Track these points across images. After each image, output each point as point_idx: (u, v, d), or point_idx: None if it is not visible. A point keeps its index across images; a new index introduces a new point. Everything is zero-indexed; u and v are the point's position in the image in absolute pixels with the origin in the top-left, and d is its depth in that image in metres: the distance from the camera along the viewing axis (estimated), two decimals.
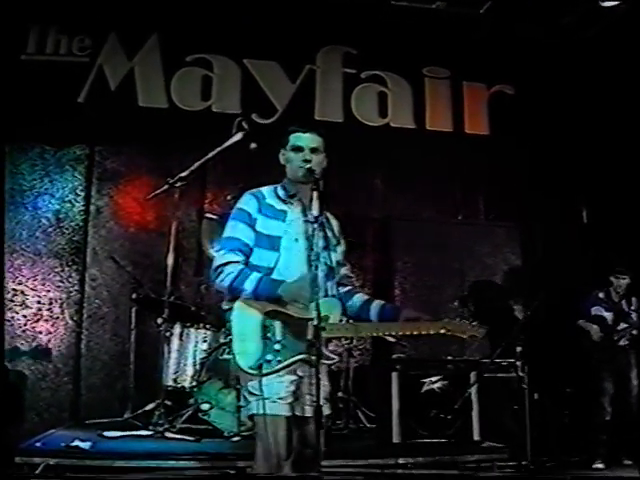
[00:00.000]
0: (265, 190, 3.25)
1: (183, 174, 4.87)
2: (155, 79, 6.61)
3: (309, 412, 3.02)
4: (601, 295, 5.85)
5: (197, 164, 4.88)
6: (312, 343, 2.86)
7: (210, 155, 4.85)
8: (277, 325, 3.02)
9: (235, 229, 3.17)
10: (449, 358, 4.93)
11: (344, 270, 3.35)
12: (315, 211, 3.03)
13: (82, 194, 6.37)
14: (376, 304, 3.22)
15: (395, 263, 6.48)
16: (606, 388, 5.55)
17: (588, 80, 6.98)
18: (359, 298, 3.28)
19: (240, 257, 3.12)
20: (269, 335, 3.00)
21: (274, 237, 3.13)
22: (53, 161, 6.38)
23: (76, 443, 4.27)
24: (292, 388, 3.02)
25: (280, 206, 3.20)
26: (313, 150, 3.16)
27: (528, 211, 6.98)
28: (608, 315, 5.75)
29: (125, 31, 6.59)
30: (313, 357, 2.87)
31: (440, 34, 6.94)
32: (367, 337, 3.14)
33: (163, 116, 6.56)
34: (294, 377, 3.03)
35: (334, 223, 3.33)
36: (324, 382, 2.98)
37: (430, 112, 7.14)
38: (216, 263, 3.14)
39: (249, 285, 3.02)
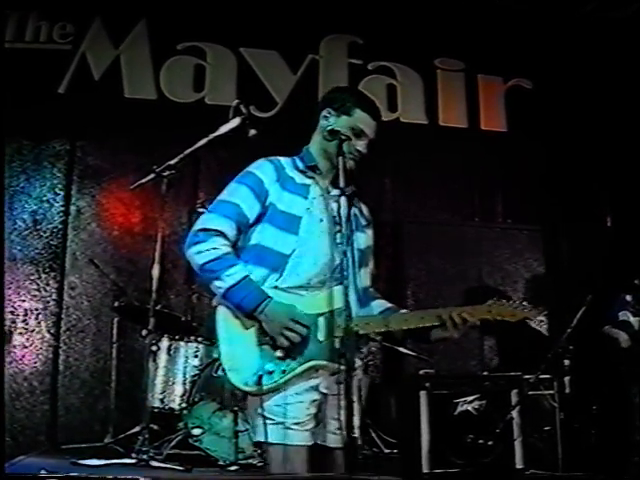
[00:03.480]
0: (283, 160, 2.67)
1: (172, 162, 4.32)
2: (143, 68, 6.13)
3: (333, 442, 2.41)
4: (628, 298, 5.35)
5: (188, 151, 4.32)
6: (343, 346, 2.24)
7: (203, 141, 4.28)
8: None
9: (236, 193, 2.55)
10: (486, 374, 4.34)
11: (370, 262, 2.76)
12: (341, 181, 2.48)
13: (61, 193, 5.85)
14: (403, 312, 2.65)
15: (407, 270, 5.95)
16: (636, 404, 5.00)
17: (611, 74, 6.54)
18: (378, 305, 2.70)
19: (232, 230, 2.51)
20: (267, 339, 2.40)
21: (293, 216, 2.54)
22: (30, 157, 5.86)
23: (43, 473, 3.67)
24: (313, 410, 2.40)
25: (301, 179, 2.63)
26: (370, 141, 2.72)
27: (549, 214, 6.52)
28: (635, 320, 5.25)
29: (110, 16, 6.10)
30: (335, 364, 2.28)
31: (453, 22, 6.49)
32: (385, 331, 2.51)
33: (151, 108, 6.09)
34: (316, 396, 2.41)
35: (362, 206, 2.82)
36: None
37: (443, 107, 6.67)
38: (200, 225, 2.52)
39: (229, 278, 2.41)
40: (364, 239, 2.68)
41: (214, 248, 2.46)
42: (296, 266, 2.50)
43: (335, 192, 2.63)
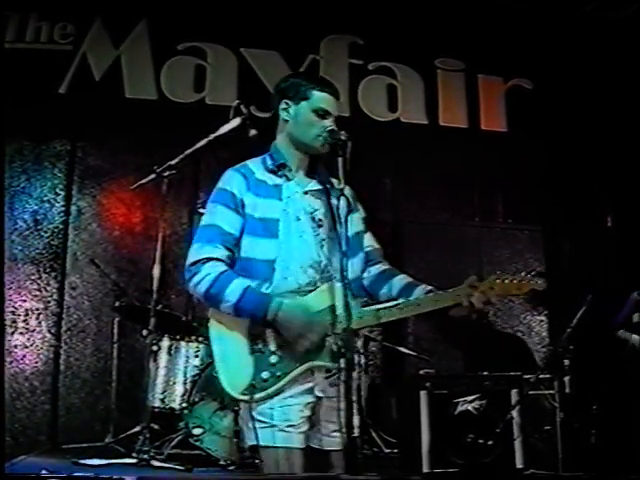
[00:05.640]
0: (252, 164, 2.64)
1: (172, 162, 4.32)
2: (143, 69, 6.10)
3: (328, 444, 2.40)
4: None
5: (188, 151, 4.32)
6: (343, 345, 2.22)
7: (204, 142, 4.27)
8: (269, 331, 2.40)
9: (214, 215, 2.53)
10: (486, 374, 4.33)
11: (369, 240, 2.71)
12: (341, 182, 2.41)
13: (62, 193, 5.82)
14: (421, 289, 2.56)
15: (407, 270, 5.86)
16: None
17: (611, 74, 6.52)
18: (398, 283, 2.61)
19: (221, 251, 2.48)
20: (260, 346, 2.39)
21: (270, 220, 2.51)
22: (31, 157, 5.82)
23: (44, 473, 3.66)
24: (307, 413, 2.39)
25: (273, 180, 2.59)
26: (335, 118, 2.59)
27: (550, 213, 6.49)
28: None
29: (111, 17, 6.06)
30: (329, 363, 2.27)
31: (453, 22, 6.47)
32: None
33: (152, 109, 6.05)
34: (311, 399, 2.40)
35: (346, 190, 2.61)
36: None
37: (443, 107, 6.64)
38: (190, 259, 2.50)
39: (231, 295, 2.39)
40: (349, 227, 2.51)
41: (208, 274, 2.45)
42: (284, 271, 2.47)
43: (309, 187, 2.62)
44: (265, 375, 2.37)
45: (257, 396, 2.36)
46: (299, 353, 2.37)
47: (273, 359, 2.38)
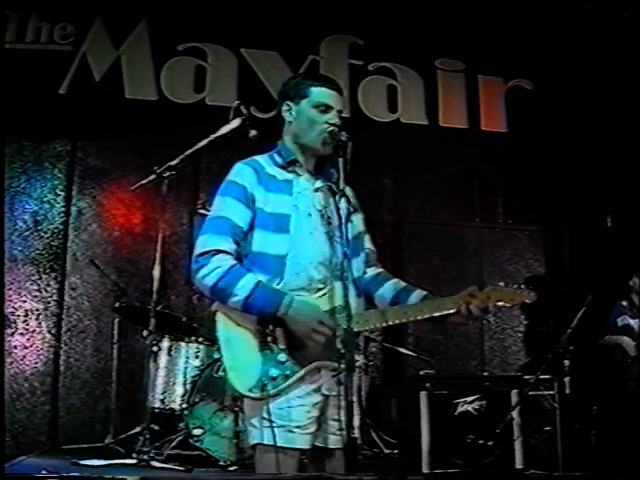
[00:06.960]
0: (261, 159, 2.58)
1: (172, 162, 4.30)
2: (144, 69, 6.09)
3: (333, 443, 2.38)
4: (624, 303, 5.35)
5: (188, 152, 4.30)
6: (343, 346, 2.23)
7: (204, 142, 4.26)
8: (278, 329, 2.37)
9: (224, 207, 2.48)
10: (486, 374, 4.34)
11: (367, 241, 2.69)
12: (341, 182, 2.40)
13: (62, 194, 5.81)
14: (417, 293, 2.54)
15: (408, 270, 5.91)
16: None
17: (612, 74, 6.52)
18: (393, 286, 2.59)
19: (230, 244, 2.44)
20: (269, 344, 2.37)
21: (281, 215, 2.47)
22: (31, 158, 5.81)
23: (43, 474, 3.66)
24: (315, 413, 2.37)
25: (283, 176, 2.55)
26: (339, 113, 2.55)
27: (550, 214, 6.47)
28: (635, 322, 5.23)
29: (111, 17, 6.05)
30: (337, 363, 2.25)
31: (453, 23, 6.45)
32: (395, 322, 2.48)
33: (152, 109, 6.04)
34: (318, 398, 2.37)
35: (347, 190, 2.60)
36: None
37: (443, 107, 6.64)
38: (198, 250, 2.44)
39: (242, 290, 2.35)
40: (352, 227, 2.53)
41: (217, 267, 2.40)
42: (295, 267, 2.44)
43: (318, 184, 2.60)
44: (274, 373, 2.34)
45: (266, 394, 2.33)
46: (311, 350, 2.35)
47: (282, 357, 2.36)
